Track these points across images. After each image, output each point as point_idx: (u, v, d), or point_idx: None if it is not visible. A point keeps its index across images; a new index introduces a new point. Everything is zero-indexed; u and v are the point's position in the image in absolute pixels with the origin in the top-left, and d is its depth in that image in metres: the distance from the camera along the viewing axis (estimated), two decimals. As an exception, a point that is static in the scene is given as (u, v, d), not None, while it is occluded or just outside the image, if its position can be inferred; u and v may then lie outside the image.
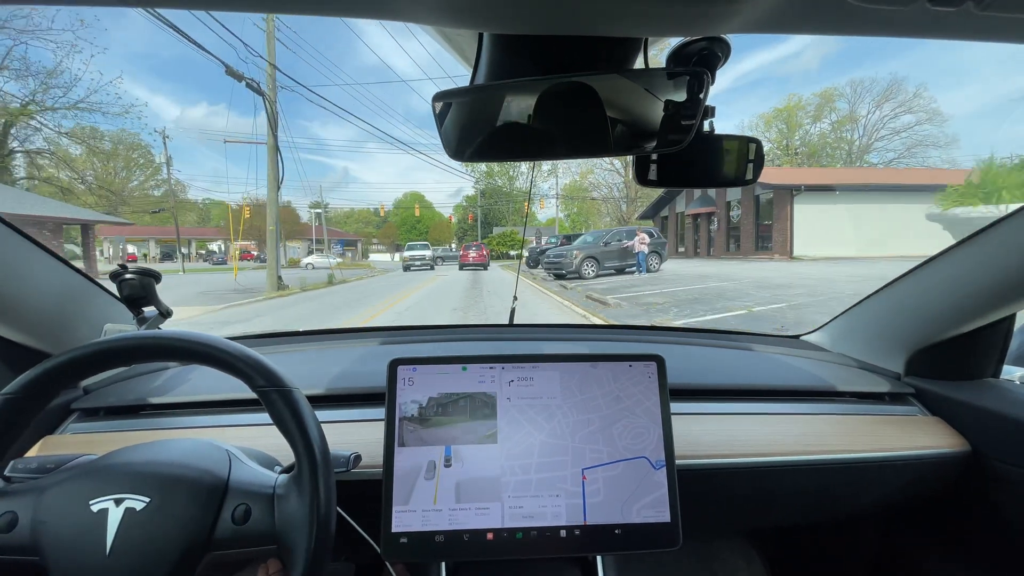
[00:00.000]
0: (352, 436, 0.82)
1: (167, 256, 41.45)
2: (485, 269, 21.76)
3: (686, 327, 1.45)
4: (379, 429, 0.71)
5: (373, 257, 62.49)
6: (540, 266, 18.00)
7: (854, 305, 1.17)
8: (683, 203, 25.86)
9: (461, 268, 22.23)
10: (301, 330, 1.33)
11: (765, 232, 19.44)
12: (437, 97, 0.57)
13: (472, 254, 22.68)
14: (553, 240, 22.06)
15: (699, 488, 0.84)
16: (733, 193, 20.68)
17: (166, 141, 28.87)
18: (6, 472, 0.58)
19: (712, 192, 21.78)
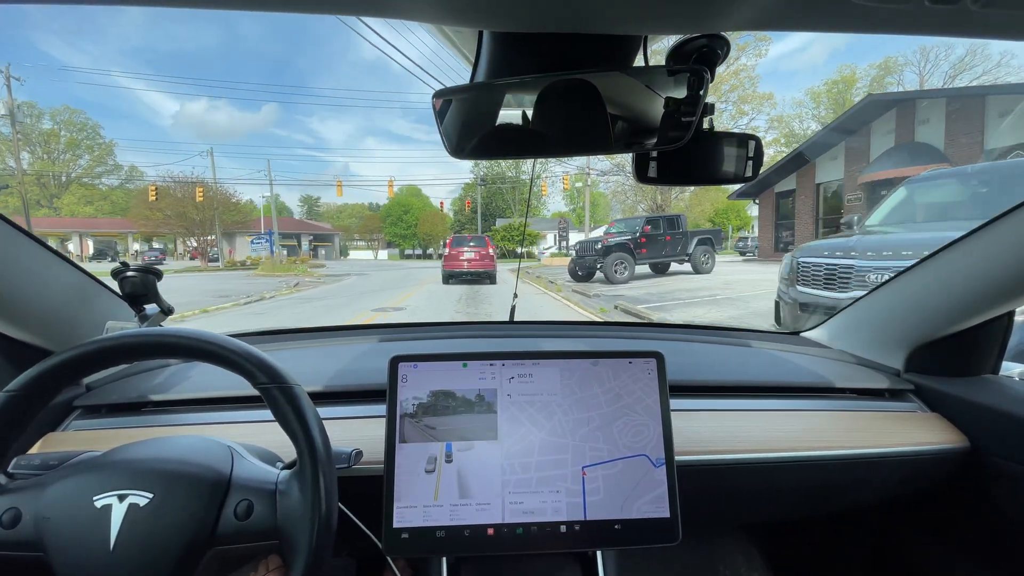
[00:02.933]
0: (353, 432, 0.82)
1: (102, 254, 33.08)
2: (492, 282, 12.82)
3: (685, 324, 1.45)
4: (380, 425, 0.71)
5: (354, 255, 51.85)
6: (597, 276, 11.57)
7: (854, 301, 1.17)
8: (839, 165, 14.51)
9: (447, 280, 13.12)
10: (302, 327, 1.33)
11: None
12: (437, 95, 0.57)
13: (468, 254, 12.95)
14: (616, 229, 13.14)
15: (698, 484, 0.84)
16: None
17: (10, 81, 18.98)
18: (9, 469, 0.58)
19: (936, 133, 12.05)
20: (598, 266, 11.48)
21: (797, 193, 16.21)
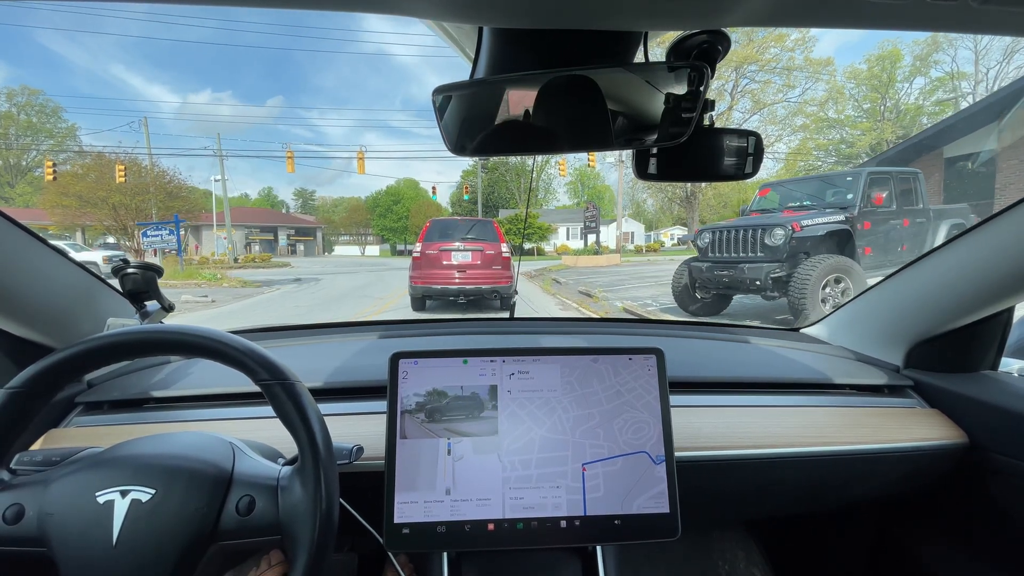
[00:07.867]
0: (354, 429, 0.83)
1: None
2: (507, 308, 6.57)
3: (685, 320, 1.45)
4: (381, 422, 0.72)
5: (340, 251, 46.19)
6: (738, 301, 6.65)
7: (854, 298, 1.18)
8: None
9: (421, 303, 7.27)
10: (303, 324, 1.33)
11: None
12: (437, 91, 0.57)
13: (461, 255, 6.88)
14: (780, 200, 6.97)
15: (698, 480, 0.85)
16: None
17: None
18: (11, 465, 0.58)
19: None
20: (770, 282, 5.45)
21: (1000, 155, 9.33)
